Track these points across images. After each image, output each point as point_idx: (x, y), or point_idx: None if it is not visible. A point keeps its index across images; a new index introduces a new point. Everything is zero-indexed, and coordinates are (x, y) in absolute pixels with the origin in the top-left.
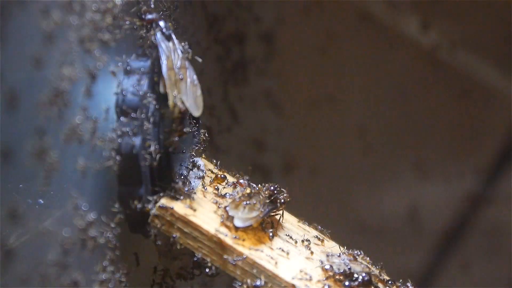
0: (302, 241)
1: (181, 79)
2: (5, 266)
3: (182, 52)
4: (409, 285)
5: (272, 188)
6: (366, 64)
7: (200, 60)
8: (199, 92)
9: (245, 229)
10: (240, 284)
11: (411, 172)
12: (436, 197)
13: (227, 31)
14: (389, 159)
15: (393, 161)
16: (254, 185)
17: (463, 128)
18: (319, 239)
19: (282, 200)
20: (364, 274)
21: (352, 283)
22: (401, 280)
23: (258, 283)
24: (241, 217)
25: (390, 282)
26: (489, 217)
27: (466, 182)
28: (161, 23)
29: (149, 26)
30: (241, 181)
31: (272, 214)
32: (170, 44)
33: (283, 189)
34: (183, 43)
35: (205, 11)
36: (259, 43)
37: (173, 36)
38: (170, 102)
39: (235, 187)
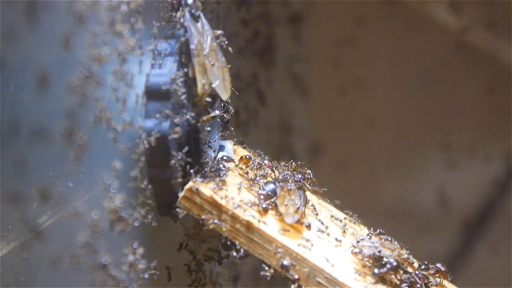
0: (333, 222)
1: (211, 62)
2: (35, 247)
3: (210, 33)
4: (440, 266)
5: (300, 176)
6: (394, 48)
7: (231, 50)
8: (227, 75)
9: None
10: (267, 267)
11: (439, 157)
12: (464, 181)
13: (255, 14)
14: (417, 144)
15: (421, 146)
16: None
17: (491, 112)
18: (344, 221)
19: (308, 184)
20: (392, 260)
21: (381, 270)
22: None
23: (285, 262)
24: (290, 213)
25: (424, 267)
26: None
27: (494, 166)
28: (189, 1)
29: (177, 5)
30: (266, 161)
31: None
32: (199, 25)
33: (307, 172)
34: (218, 32)
35: None
36: (288, 26)
37: (202, 17)
38: (200, 89)
39: (260, 167)
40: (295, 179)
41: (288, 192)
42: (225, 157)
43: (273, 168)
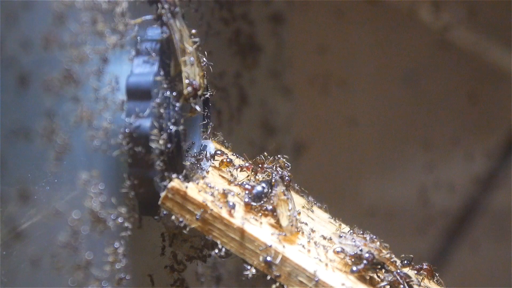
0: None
1: (191, 60)
2: (15, 247)
3: (187, 30)
4: (424, 264)
5: (285, 173)
6: (376, 46)
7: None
8: (203, 71)
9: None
10: (249, 266)
11: (421, 155)
12: (445, 179)
13: (237, 14)
14: (399, 143)
15: (403, 144)
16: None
17: (473, 110)
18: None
19: (287, 181)
20: (367, 255)
21: (358, 267)
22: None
23: (268, 258)
24: (291, 225)
25: (406, 262)
26: (499, 199)
27: (476, 164)
28: None
29: (155, 2)
30: (247, 164)
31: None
32: (177, 22)
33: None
34: (193, 30)
35: None
36: (269, 26)
37: (179, 13)
38: (185, 89)
39: (241, 170)
40: (281, 176)
41: (286, 201)
42: (207, 157)
43: (254, 170)
